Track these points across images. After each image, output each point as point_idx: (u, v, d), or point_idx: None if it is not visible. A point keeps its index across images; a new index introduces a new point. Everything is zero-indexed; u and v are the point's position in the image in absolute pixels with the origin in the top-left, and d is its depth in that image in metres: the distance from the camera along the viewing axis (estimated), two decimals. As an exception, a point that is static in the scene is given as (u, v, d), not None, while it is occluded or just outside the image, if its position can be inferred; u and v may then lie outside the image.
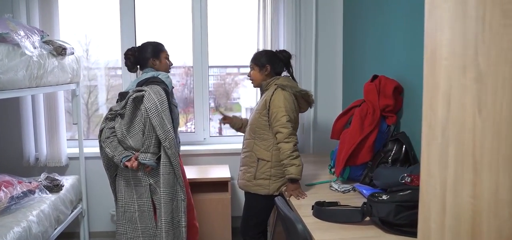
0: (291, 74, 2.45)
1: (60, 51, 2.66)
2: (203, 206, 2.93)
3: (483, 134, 0.70)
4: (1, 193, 2.34)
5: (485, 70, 0.69)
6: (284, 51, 2.46)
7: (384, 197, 1.67)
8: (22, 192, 2.47)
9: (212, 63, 3.44)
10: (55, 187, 2.80)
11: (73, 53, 2.88)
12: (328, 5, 3.33)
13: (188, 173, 2.81)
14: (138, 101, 2.31)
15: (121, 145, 2.35)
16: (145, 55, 2.48)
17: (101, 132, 2.38)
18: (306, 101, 2.41)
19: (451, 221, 0.80)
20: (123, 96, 2.39)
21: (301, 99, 2.38)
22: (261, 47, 3.19)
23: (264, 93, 2.38)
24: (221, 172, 3.13)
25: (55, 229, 2.64)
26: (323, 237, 1.64)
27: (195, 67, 3.38)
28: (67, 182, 2.98)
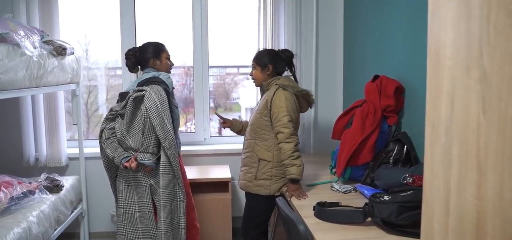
0: (294, 73, 2.44)
1: (60, 51, 2.65)
2: (203, 206, 2.92)
3: (488, 134, 0.70)
4: (1, 194, 2.34)
5: (489, 70, 0.69)
6: (286, 50, 2.44)
7: (385, 198, 1.66)
8: (22, 192, 2.47)
9: (212, 63, 3.43)
10: (55, 188, 2.79)
11: (73, 53, 2.88)
12: (328, 5, 3.33)
13: (188, 173, 2.80)
14: (138, 101, 2.30)
15: (121, 145, 2.34)
16: (146, 55, 2.48)
17: (101, 132, 2.37)
18: (306, 101, 2.41)
19: (455, 222, 0.80)
20: (123, 96, 2.38)
21: (302, 99, 2.37)
22: (261, 47, 3.18)
23: (264, 93, 2.38)
24: (221, 172, 3.12)
25: (55, 230, 2.64)
26: (325, 238, 1.63)
27: (196, 67, 3.37)
28: (67, 182, 2.97)
